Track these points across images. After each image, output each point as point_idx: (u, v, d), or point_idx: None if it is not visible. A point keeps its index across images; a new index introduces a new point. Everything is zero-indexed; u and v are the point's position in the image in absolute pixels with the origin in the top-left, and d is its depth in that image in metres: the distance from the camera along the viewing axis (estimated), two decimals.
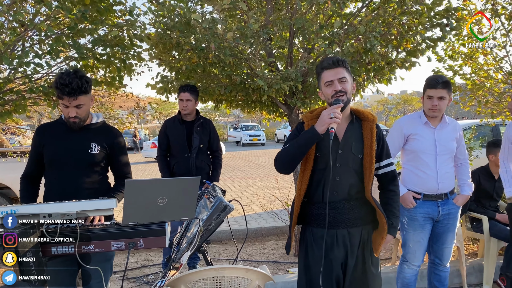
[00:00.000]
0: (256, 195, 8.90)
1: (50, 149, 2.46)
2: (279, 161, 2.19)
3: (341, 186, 2.16)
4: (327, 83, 2.15)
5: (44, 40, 4.00)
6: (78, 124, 2.42)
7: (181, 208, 2.13)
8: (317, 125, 2.05)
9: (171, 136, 4.11)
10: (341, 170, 2.15)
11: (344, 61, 2.16)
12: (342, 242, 2.17)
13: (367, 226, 2.24)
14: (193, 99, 4.04)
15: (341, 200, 2.16)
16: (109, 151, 2.55)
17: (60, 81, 2.27)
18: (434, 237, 3.12)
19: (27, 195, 2.50)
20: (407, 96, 47.15)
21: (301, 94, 4.35)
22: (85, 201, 2.02)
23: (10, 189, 5.97)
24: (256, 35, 3.67)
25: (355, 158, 2.17)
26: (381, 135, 2.24)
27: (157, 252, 5.11)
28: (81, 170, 2.45)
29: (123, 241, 2.08)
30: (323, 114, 2.04)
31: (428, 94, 2.95)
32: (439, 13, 4.17)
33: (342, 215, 2.17)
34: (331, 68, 2.14)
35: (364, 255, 2.20)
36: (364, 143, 2.17)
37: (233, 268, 2.32)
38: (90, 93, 2.42)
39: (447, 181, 3.05)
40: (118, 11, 4.41)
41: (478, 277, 4.08)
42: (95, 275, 2.48)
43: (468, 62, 5.38)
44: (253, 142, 28.68)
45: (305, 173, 2.18)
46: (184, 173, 4.04)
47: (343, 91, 2.11)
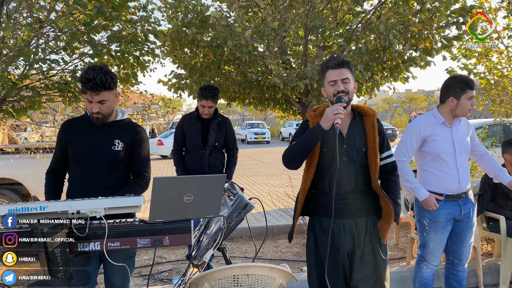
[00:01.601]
0: (265, 193, 8.90)
1: (74, 145, 2.45)
2: (287, 157, 2.32)
3: (347, 178, 2.28)
4: (331, 83, 2.25)
5: (59, 37, 4.01)
6: (101, 120, 2.41)
7: (207, 206, 2.12)
8: (322, 122, 2.16)
9: (187, 132, 4.12)
10: (347, 164, 2.28)
11: (348, 62, 2.26)
12: (349, 231, 2.30)
13: (372, 216, 2.36)
14: (215, 104, 4.06)
15: (347, 191, 2.29)
16: (130, 146, 2.52)
17: (85, 76, 2.26)
18: (454, 237, 3.10)
19: (52, 190, 2.49)
20: (413, 94, 46.96)
21: (316, 92, 4.33)
22: (112, 198, 2.01)
23: (22, 186, 5.97)
24: (274, 33, 3.65)
25: (359, 152, 2.29)
26: (381, 129, 2.37)
27: (169, 249, 5.12)
28: (104, 167, 2.43)
29: (149, 238, 2.08)
30: (327, 111, 2.15)
31: (470, 95, 2.91)
32: (456, 11, 4.15)
33: (349, 206, 2.29)
34: (335, 68, 2.24)
35: (372, 243, 2.33)
36: (367, 137, 2.29)
37: (258, 266, 2.31)
38: (115, 89, 2.40)
39: (467, 180, 3.04)
40: (132, 8, 4.41)
41: (494, 277, 4.05)
42: (118, 272, 2.49)
43: (482, 60, 5.36)
44: (258, 140, 28.67)
45: (310, 168, 2.32)
46: (197, 169, 4.06)
47: (346, 91, 2.22)
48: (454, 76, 3.09)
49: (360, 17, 4.12)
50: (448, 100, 2.98)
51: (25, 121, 5.85)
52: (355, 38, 3.71)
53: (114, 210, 1.99)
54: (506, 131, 6.91)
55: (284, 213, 6.42)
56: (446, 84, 3.03)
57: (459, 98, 2.94)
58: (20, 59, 3.74)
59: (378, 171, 2.32)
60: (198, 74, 4.66)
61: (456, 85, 2.95)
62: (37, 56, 3.75)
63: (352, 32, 3.76)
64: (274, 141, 30.53)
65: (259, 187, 10.02)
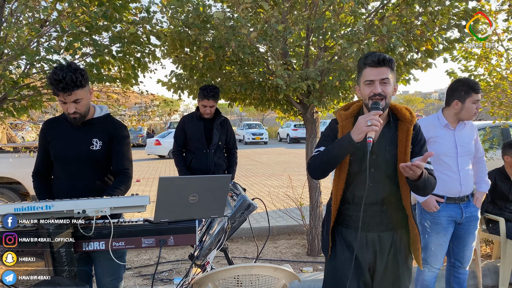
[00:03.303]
0: (264, 194, 8.90)
1: (55, 146, 2.42)
2: (313, 167, 2.10)
3: (373, 190, 2.06)
4: (367, 82, 1.99)
5: (62, 37, 4.00)
6: (79, 120, 2.36)
7: (211, 206, 2.12)
8: (354, 133, 1.90)
9: (189, 132, 4.13)
10: (375, 175, 2.05)
11: (391, 60, 1.98)
12: (371, 245, 2.10)
13: (400, 231, 2.14)
14: (216, 104, 4.07)
15: (372, 203, 2.07)
16: (109, 143, 2.46)
17: (53, 77, 2.17)
18: (456, 240, 3.12)
19: (44, 191, 2.47)
20: (410, 96, 47.16)
21: (318, 93, 4.34)
22: (118, 198, 2.02)
23: (21, 184, 5.97)
24: (278, 34, 3.66)
25: (388, 163, 2.06)
26: (418, 136, 2.11)
27: (169, 249, 5.11)
28: (84, 167, 2.40)
29: (153, 238, 2.08)
30: (359, 121, 1.89)
31: (476, 99, 2.92)
32: (458, 13, 4.16)
33: (373, 218, 2.09)
34: (374, 67, 1.97)
35: (397, 260, 2.12)
36: (399, 147, 2.05)
37: (262, 267, 2.31)
38: (88, 86, 2.33)
39: (469, 183, 3.05)
40: (133, 9, 4.41)
41: (494, 279, 4.08)
42: (109, 272, 2.49)
43: (482, 63, 5.38)
44: (255, 141, 28.70)
45: (340, 177, 2.09)
46: (202, 168, 4.07)
47: (383, 95, 1.96)
48: (459, 79, 3.10)
49: (363, 19, 4.14)
50: (453, 103, 2.99)
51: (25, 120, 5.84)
52: (358, 40, 3.72)
53: (119, 209, 1.99)
54: (505, 133, 6.93)
55: (284, 214, 6.42)
56: (451, 87, 3.04)
57: (463, 101, 2.95)
58: (22, 58, 3.73)
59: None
60: (198, 74, 4.65)
61: (461, 88, 2.96)
62: (38, 56, 3.74)
63: (355, 34, 3.77)
64: (272, 142, 30.58)
65: (258, 188, 10.02)
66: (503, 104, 5.30)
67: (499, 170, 4.23)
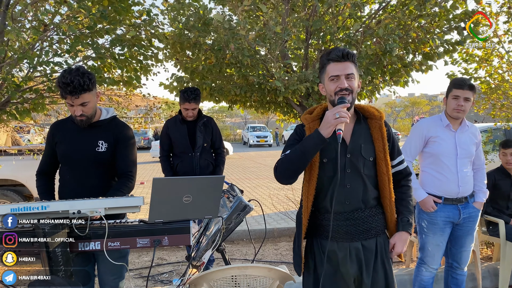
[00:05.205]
0: (266, 196, 8.91)
1: (62, 147, 2.47)
2: (280, 170, 1.95)
3: (353, 193, 1.94)
4: (332, 77, 1.90)
5: (63, 40, 4.05)
6: (86, 122, 2.41)
7: (205, 206, 2.15)
8: (322, 128, 1.82)
9: (173, 136, 4.08)
10: (352, 176, 1.94)
11: (353, 55, 1.92)
12: (355, 256, 1.97)
13: (382, 235, 2.04)
14: (197, 106, 4.02)
15: (354, 209, 1.95)
16: (114, 145, 2.50)
17: (62, 80, 2.23)
18: (453, 240, 3.12)
19: (46, 190, 2.52)
20: (415, 98, 46.97)
21: (317, 95, 4.36)
22: (113, 198, 2.05)
23: (24, 187, 6.03)
24: (277, 36, 3.69)
25: (366, 162, 1.95)
26: (390, 132, 2.05)
27: (170, 251, 5.14)
28: (90, 169, 2.45)
29: (148, 238, 2.11)
30: (327, 115, 1.81)
31: (454, 94, 2.94)
32: (457, 16, 4.17)
33: (356, 227, 1.96)
34: (339, 61, 1.90)
35: (385, 267, 2.02)
36: (375, 144, 1.97)
37: (256, 267, 2.33)
38: (95, 90, 2.39)
39: (468, 185, 3.05)
40: (136, 12, 4.45)
41: (493, 281, 4.06)
42: (111, 272, 2.52)
43: (483, 65, 5.37)
44: (260, 143, 28.72)
45: (311, 182, 1.96)
46: (188, 172, 4.02)
47: (350, 89, 1.89)
48: (453, 78, 3.14)
49: (361, 21, 4.15)
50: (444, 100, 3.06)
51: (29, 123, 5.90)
52: (355, 42, 3.74)
53: (114, 210, 2.02)
54: (507, 135, 6.90)
55: (285, 216, 6.44)
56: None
57: (447, 97, 3.01)
58: (24, 61, 3.78)
59: (391, 185, 1.99)
60: (199, 77, 4.69)
61: (449, 86, 3.02)
62: (40, 59, 3.79)
63: (353, 36, 3.79)
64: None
65: (260, 190, 10.03)
66: (504, 106, 5.28)
67: (498, 169, 4.22)
